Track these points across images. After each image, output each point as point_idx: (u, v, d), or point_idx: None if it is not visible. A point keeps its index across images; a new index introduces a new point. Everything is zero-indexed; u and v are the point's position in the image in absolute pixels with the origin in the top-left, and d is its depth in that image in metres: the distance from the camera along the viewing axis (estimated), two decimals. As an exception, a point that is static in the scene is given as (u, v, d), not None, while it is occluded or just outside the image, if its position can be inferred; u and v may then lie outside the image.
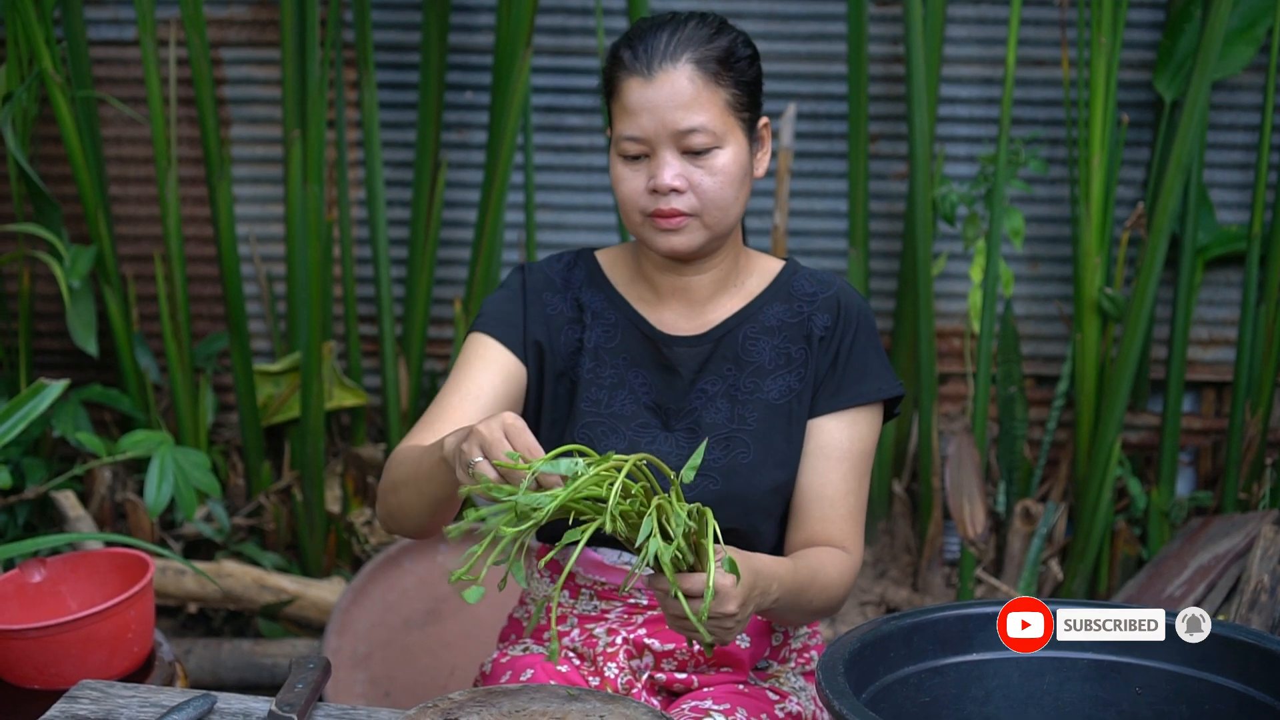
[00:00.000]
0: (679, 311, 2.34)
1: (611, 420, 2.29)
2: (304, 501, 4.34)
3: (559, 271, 2.39)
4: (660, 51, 2.18)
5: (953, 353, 4.46)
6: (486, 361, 2.32)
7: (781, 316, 2.32)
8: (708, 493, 2.24)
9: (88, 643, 2.43)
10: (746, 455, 2.26)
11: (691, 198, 2.20)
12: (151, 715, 2.02)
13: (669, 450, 2.27)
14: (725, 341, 2.31)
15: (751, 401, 2.28)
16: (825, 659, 1.75)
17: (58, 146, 4.29)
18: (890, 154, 4.41)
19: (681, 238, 2.22)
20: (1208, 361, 4.45)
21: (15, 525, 4.12)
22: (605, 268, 2.39)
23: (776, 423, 2.28)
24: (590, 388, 2.31)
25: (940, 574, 4.31)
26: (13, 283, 4.42)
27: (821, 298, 2.33)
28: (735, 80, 2.21)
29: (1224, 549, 3.88)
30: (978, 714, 1.88)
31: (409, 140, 4.44)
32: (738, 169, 2.22)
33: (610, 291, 2.37)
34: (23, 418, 2.70)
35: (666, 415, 2.30)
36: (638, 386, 2.31)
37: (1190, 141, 3.92)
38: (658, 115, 2.17)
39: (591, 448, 2.24)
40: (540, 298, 2.37)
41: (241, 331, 4.27)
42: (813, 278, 2.36)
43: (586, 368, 2.32)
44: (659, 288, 2.34)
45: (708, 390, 2.30)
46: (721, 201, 2.21)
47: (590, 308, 2.36)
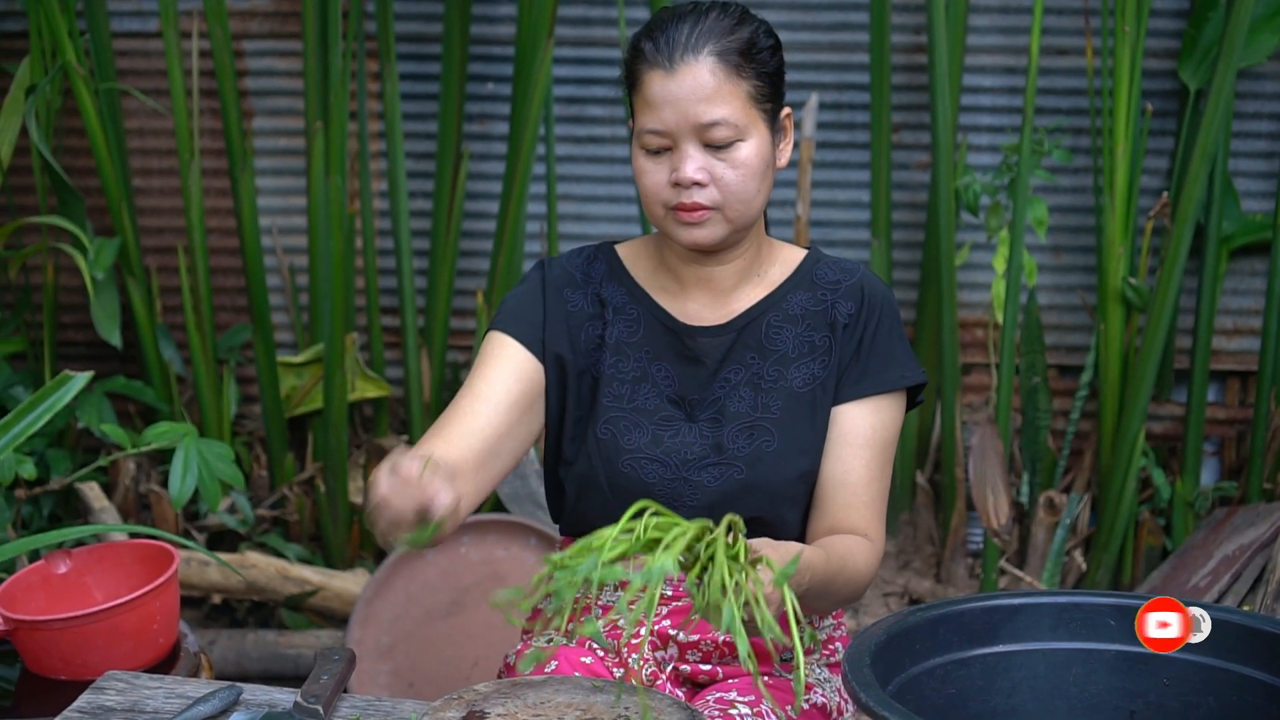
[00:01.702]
0: (702, 302, 2.33)
1: (634, 415, 2.29)
2: (327, 493, 4.34)
3: (579, 266, 2.38)
4: (682, 44, 2.17)
5: (976, 343, 4.45)
6: (501, 361, 2.31)
7: (805, 304, 2.32)
8: (732, 482, 2.24)
9: (113, 634, 2.44)
10: (771, 443, 2.26)
11: (714, 191, 2.19)
12: (178, 706, 2.03)
13: (692, 441, 2.27)
14: (749, 330, 2.31)
15: (775, 390, 2.28)
16: (851, 651, 1.75)
17: (81, 139, 4.30)
18: (913, 144, 4.40)
19: (704, 231, 2.22)
20: (1232, 351, 4.43)
21: (40, 517, 4.13)
22: (626, 261, 2.39)
23: (800, 411, 2.28)
24: (612, 383, 2.31)
25: (963, 565, 4.30)
26: (37, 275, 4.43)
27: (845, 285, 2.32)
28: (757, 72, 2.20)
29: (1249, 539, 3.87)
30: (1004, 706, 1.87)
31: (431, 131, 4.44)
32: (760, 161, 2.21)
33: (631, 285, 2.36)
34: (47, 409, 2.70)
35: (690, 407, 2.30)
36: (660, 380, 2.31)
37: (1215, 130, 3.91)
38: (680, 108, 2.17)
39: (614, 443, 2.25)
40: (561, 294, 2.35)
41: (264, 323, 4.28)
42: (836, 265, 2.35)
43: (608, 363, 2.32)
44: (682, 278, 2.34)
45: (731, 379, 2.29)
46: (744, 194, 2.20)
47: (612, 303, 2.35)
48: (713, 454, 2.26)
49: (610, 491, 2.27)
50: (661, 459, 2.26)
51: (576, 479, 2.30)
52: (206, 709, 1.98)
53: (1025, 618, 1.90)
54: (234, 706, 2.03)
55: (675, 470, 2.26)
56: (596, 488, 2.28)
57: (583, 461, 2.29)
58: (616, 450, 2.26)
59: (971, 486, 4.16)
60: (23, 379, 4.23)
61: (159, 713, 2.01)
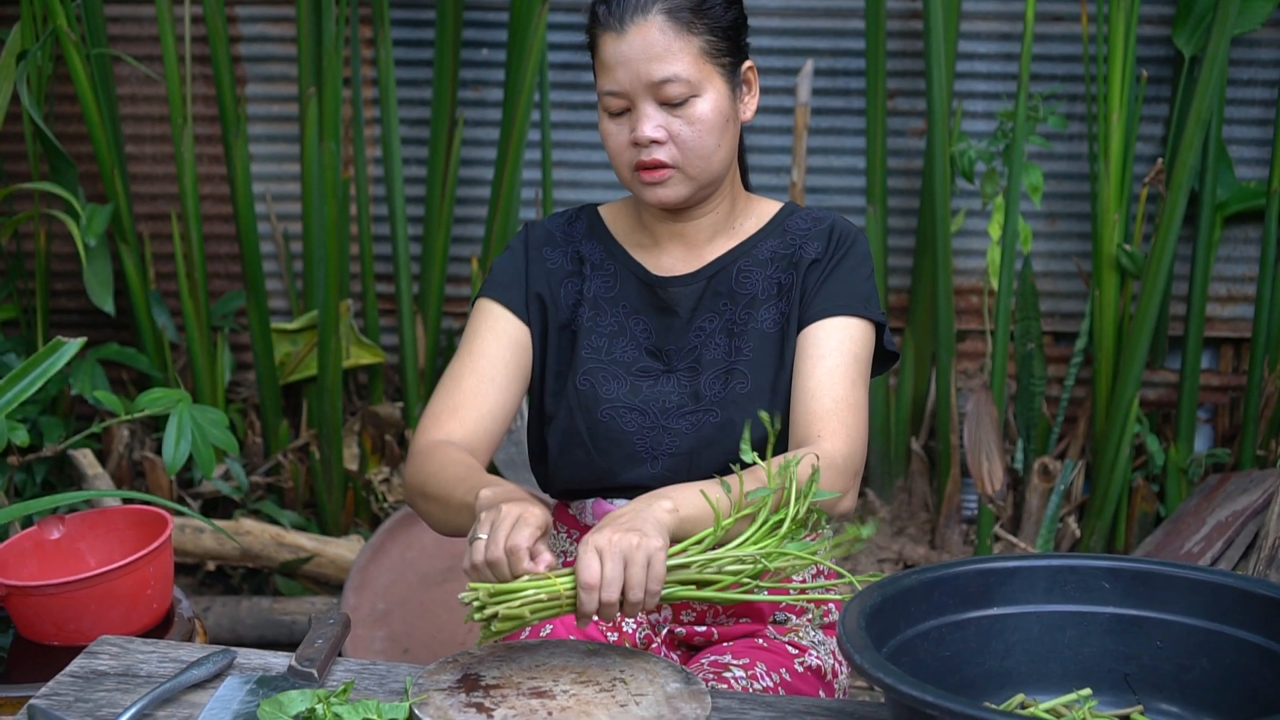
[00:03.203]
0: (677, 256, 2.36)
1: (612, 366, 2.31)
2: (322, 459, 4.34)
3: (560, 226, 2.42)
4: (631, 5, 2.20)
5: (971, 310, 4.45)
6: (496, 334, 2.34)
7: (775, 249, 2.33)
8: (709, 426, 2.25)
9: (106, 599, 2.44)
10: (744, 385, 2.27)
11: (672, 148, 2.21)
12: (171, 670, 2.03)
13: (670, 390, 2.28)
14: (719, 278, 2.32)
15: (747, 333, 2.29)
16: (846, 613, 1.75)
17: (73, 105, 4.29)
18: (908, 110, 4.39)
19: (667, 190, 2.24)
20: (1226, 318, 4.44)
21: (33, 484, 4.13)
22: (607, 220, 2.42)
23: (771, 350, 2.28)
24: (590, 335, 2.33)
25: (958, 531, 4.31)
26: (29, 242, 4.42)
27: (815, 229, 2.33)
28: (710, 27, 2.21)
29: (1242, 505, 3.88)
30: (999, 668, 1.87)
31: (425, 98, 4.43)
32: (717, 116, 2.22)
33: (610, 242, 2.39)
34: (40, 375, 2.70)
35: (668, 357, 2.31)
36: (638, 333, 2.33)
37: (1209, 97, 3.90)
38: (632, 68, 2.19)
39: (592, 394, 2.27)
40: (540, 253, 2.39)
41: (258, 290, 4.27)
42: (808, 215, 2.36)
43: (586, 317, 2.34)
44: (657, 235, 2.36)
45: (705, 328, 2.31)
46: (702, 150, 2.22)
47: (590, 259, 2.38)
48: (690, 402, 2.27)
49: (591, 443, 2.28)
50: (640, 408, 2.27)
51: (559, 434, 2.32)
52: (200, 673, 1.98)
53: (1020, 581, 1.90)
54: (228, 671, 2.03)
55: (654, 419, 2.27)
56: (578, 440, 2.30)
57: (564, 415, 2.31)
58: (595, 400, 2.28)
59: (966, 453, 4.16)
60: (15, 346, 4.23)
61: (152, 676, 2.01)
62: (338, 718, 1.85)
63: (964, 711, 1.52)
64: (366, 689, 1.98)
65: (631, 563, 1.84)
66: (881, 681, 1.60)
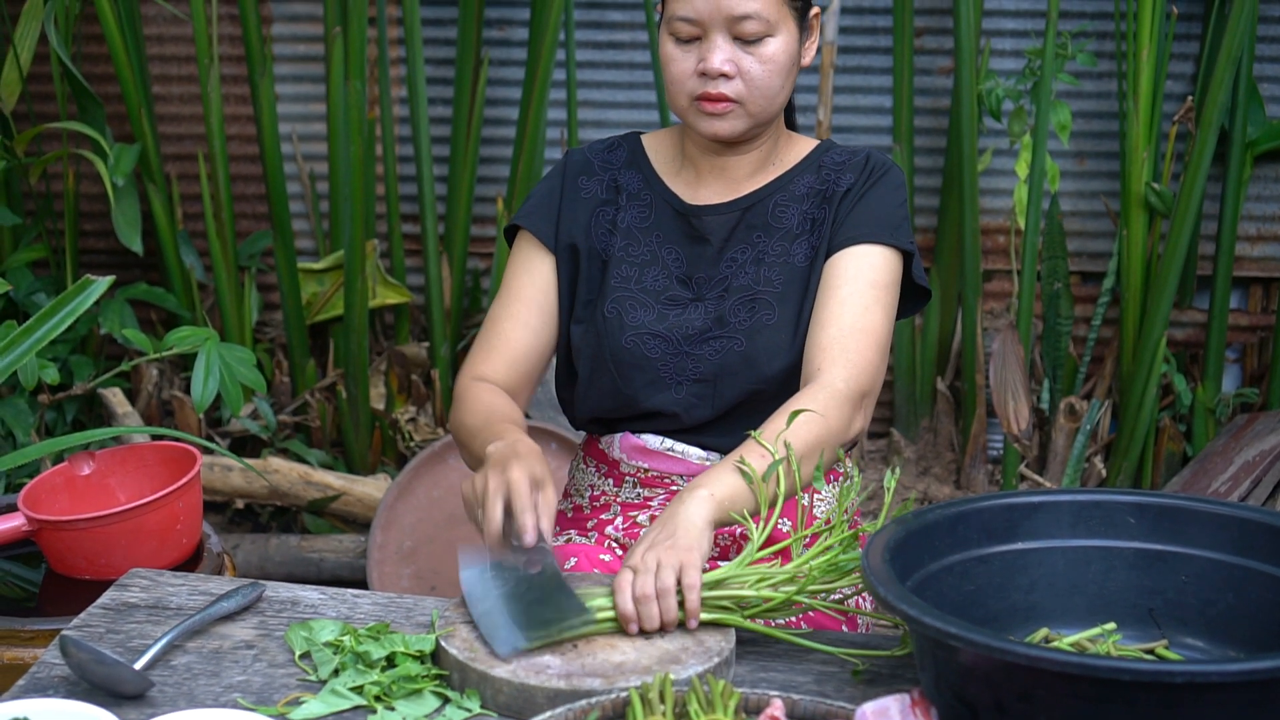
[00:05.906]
0: (714, 189, 2.37)
1: (641, 294, 2.32)
2: (349, 399, 4.36)
3: (599, 154, 2.44)
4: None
5: (998, 249, 4.44)
6: (530, 273, 2.39)
7: (811, 185, 2.34)
8: (732, 354, 2.27)
9: (136, 534, 2.45)
10: (770, 316, 2.28)
11: (739, 84, 2.22)
12: (201, 602, 2.05)
13: (695, 317, 2.30)
14: (754, 210, 2.34)
15: (778, 265, 2.30)
16: (870, 547, 1.76)
17: (100, 45, 4.29)
18: (935, 48, 4.37)
19: (725, 123, 2.25)
20: (1255, 258, 4.41)
21: (64, 422, 4.15)
22: (648, 149, 2.43)
23: (798, 284, 2.29)
24: (621, 265, 2.35)
25: (983, 471, 4.30)
26: (58, 182, 4.43)
27: (851, 162, 2.33)
28: None
29: (1269, 445, 3.87)
30: (1023, 602, 1.88)
31: (450, 37, 4.41)
32: (786, 58, 2.23)
33: (649, 172, 2.40)
34: (69, 314, 2.70)
35: (698, 285, 2.33)
36: (670, 261, 2.34)
37: (1240, 34, 3.87)
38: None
39: (619, 320, 2.28)
40: (576, 182, 2.41)
41: (285, 229, 4.28)
42: (845, 150, 2.37)
43: (619, 246, 2.36)
44: (699, 167, 2.37)
45: (737, 258, 2.32)
46: (768, 90, 2.23)
47: (627, 189, 2.40)
48: (715, 326, 2.28)
49: (615, 369, 2.31)
50: (664, 334, 2.29)
51: (586, 361, 2.34)
52: (230, 605, 2.00)
53: (1045, 515, 1.90)
54: (257, 604, 2.04)
55: (676, 345, 2.29)
56: (603, 367, 2.32)
57: (590, 341, 2.33)
58: (621, 326, 2.30)
59: (992, 392, 4.16)
60: (44, 285, 4.24)
61: (182, 609, 2.02)
62: (364, 650, 1.87)
63: (988, 644, 1.52)
64: (394, 622, 2.00)
65: (665, 593, 1.88)
66: (905, 614, 1.60)
